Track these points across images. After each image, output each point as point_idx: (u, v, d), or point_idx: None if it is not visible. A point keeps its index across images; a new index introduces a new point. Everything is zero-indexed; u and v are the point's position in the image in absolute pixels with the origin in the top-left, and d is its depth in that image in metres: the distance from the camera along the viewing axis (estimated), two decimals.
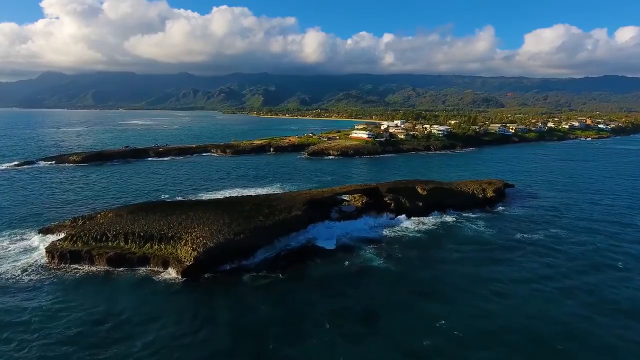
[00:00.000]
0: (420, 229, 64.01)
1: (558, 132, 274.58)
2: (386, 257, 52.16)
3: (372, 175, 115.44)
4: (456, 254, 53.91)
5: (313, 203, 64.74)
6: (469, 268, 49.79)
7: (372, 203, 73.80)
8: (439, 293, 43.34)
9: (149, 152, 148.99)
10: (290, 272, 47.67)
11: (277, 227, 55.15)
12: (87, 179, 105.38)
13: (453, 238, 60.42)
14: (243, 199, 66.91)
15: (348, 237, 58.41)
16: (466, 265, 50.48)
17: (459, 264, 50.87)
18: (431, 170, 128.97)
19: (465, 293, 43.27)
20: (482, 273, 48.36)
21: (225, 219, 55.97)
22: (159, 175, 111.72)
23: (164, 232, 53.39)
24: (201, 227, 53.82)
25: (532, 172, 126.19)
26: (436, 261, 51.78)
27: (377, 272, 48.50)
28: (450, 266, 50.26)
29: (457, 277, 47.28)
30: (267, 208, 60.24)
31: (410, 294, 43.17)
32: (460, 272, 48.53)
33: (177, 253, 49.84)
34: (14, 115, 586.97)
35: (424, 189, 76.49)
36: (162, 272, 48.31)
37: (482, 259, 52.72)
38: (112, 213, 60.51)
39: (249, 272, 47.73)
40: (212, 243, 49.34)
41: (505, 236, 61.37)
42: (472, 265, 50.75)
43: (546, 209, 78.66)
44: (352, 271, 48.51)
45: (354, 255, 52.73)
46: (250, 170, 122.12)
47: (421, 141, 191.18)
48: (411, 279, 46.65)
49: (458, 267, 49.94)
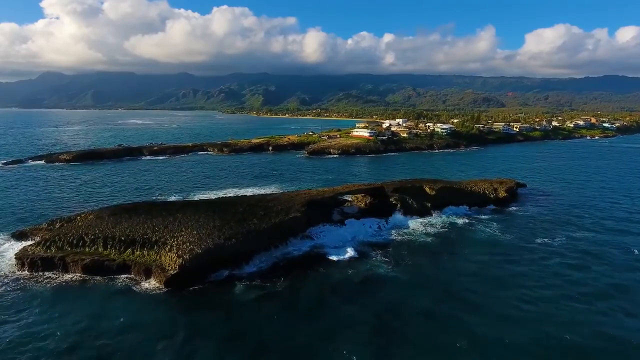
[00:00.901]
0: (429, 232, 58.73)
1: (563, 130, 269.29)
2: (395, 263, 46.88)
3: (375, 175, 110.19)
4: (471, 261, 48.60)
5: (313, 204, 59.48)
6: (486, 276, 44.52)
7: (377, 204, 68.51)
8: (457, 304, 38.06)
9: (143, 151, 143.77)
10: (287, 281, 42.33)
11: (273, 230, 49.88)
12: (75, 178, 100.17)
13: (466, 242, 55.13)
14: (237, 200, 61.62)
15: (352, 242, 53.01)
16: (483, 273, 45.19)
17: (476, 272, 45.55)
18: (436, 169, 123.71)
19: (486, 305, 37.98)
20: (502, 282, 43.06)
21: (216, 221, 50.72)
22: (151, 175, 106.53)
23: (148, 237, 48.15)
24: (189, 230, 48.58)
25: (541, 170, 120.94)
26: (450, 268, 46.48)
27: (386, 280, 43.20)
28: (466, 274, 44.93)
29: (475, 286, 42.00)
30: (263, 209, 54.97)
31: (424, 305, 37.88)
32: (479, 281, 43.24)
33: (160, 260, 44.58)
34: (13, 115, 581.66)
35: (432, 189, 71.23)
36: (143, 282, 43.06)
37: (500, 265, 47.40)
38: (93, 215, 55.22)
39: (241, 281, 42.45)
40: (200, 249, 44.07)
41: (523, 239, 56.06)
42: (490, 272, 45.46)
43: (563, 209, 73.41)
44: (358, 280, 43.20)
45: (359, 262, 47.45)
46: (248, 170, 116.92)
47: (424, 140, 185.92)
48: (424, 289, 41.33)
49: (475, 275, 44.62)
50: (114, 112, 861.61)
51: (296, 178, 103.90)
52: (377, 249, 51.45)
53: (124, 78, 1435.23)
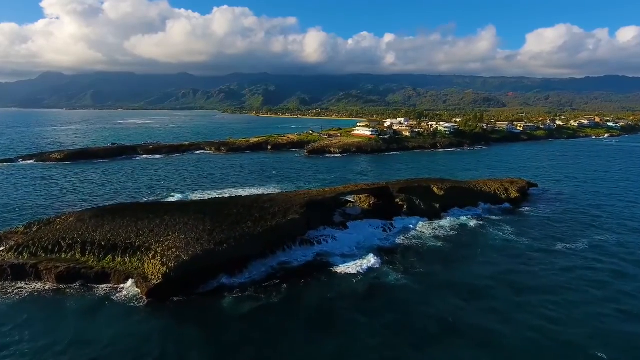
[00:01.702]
0: (438, 235, 54.20)
1: (567, 130, 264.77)
2: (404, 271, 42.35)
3: (378, 174, 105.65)
4: (488, 268, 44.05)
5: (313, 205, 55.03)
6: (507, 285, 39.98)
7: (381, 204, 64.09)
8: (477, 317, 33.60)
9: (138, 150, 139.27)
10: (284, 292, 37.73)
11: (269, 234, 45.38)
12: (64, 178, 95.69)
13: (480, 247, 50.62)
14: (231, 201, 57.14)
15: (356, 247, 48.47)
16: (504, 282, 40.65)
17: (495, 281, 41.01)
18: (441, 168, 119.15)
19: (511, 320, 33.51)
20: (526, 293, 38.54)
21: (206, 224, 46.28)
22: (144, 175, 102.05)
23: (131, 241, 43.72)
24: (176, 234, 44.13)
25: (551, 170, 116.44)
26: (465, 276, 41.92)
27: (395, 291, 38.66)
28: (484, 283, 40.38)
29: (496, 297, 37.53)
30: (258, 211, 50.51)
31: (441, 320, 33.38)
32: (499, 291, 38.71)
33: (143, 268, 40.13)
34: (12, 115, 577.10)
35: (440, 189, 66.73)
36: (123, 292, 38.59)
37: (521, 274, 42.87)
38: (74, 217, 50.70)
39: (232, 292, 37.91)
40: (187, 256, 39.58)
41: (542, 244, 51.55)
42: (510, 282, 40.92)
43: (579, 210, 68.93)
44: (364, 290, 38.65)
45: (364, 269, 42.81)
46: (245, 169, 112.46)
47: (427, 139, 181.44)
48: (440, 300, 36.79)
49: (494, 285, 40.07)
50: (113, 112, 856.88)
51: (295, 178, 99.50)
52: (384, 254, 46.91)
53: (123, 78, 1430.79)
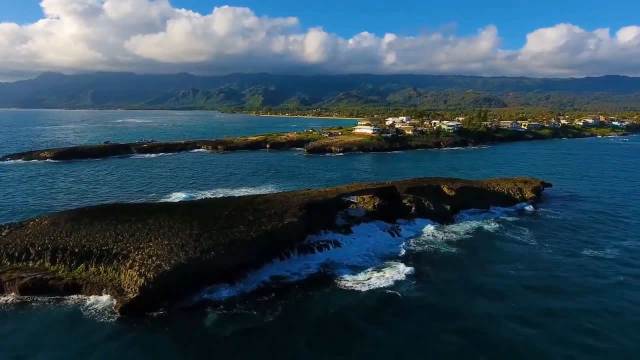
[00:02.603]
0: (451, 240, 49.17)
1: (573, 129, 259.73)
2: (417, 282, 37.27)
3: (381, 173, 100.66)
4: (510, 279, 38.99)
5: (313, 206, 49.95)
6: (533, 296, 35.02)
7: (387, 206, 59.06)
8: (508, 335, 28.70)
9: (132, 149, 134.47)
10: (279, 309, 32.64)
11: (263, 240, 40.34)
12: (51, 178, 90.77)
13: (498, 254, 45.61)
14: (222, 202, 52.16)
15: (360, 253, 43.42)
16: (529, 294, 35.68)
17: (520, 292, 36.03)
18: (446, 167, 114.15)
19: (545, 336, 28.55)
20: (558, 304, 33.58)
21: (194, 228, 41.31)
22: (135, 174, 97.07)
23: (108, 248, 38.78)
24: (159, 240, 39.16)
25: (562, 169, 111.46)
26: (486, 288, 36.88)
27: (408, 305, 33.60)
28: (507, 296, 35.34)
29: (524, 310, 32.56)
30: (252, 213, 45.52)
31: (460, 337, 28.41)
32: (526, 304, 33.73)
33: (119, 279, 35.22)
34: (11, 115, 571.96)
35: (451, 189, 61.71)
36: (95, 306, 33.65)
37: (547, 285, 37.85)
38: (49, 220, 45.69)
39: (218, 308, 32.83)
40: (169, 265, 34.60)
41: (566, 251, 46.51)
42: (536, 292, 35.94)
43: (599, 211, 63.93)
44: (372, 305, 33.58)
45: (371, 280, 37.68)
46: (242, 168, 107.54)
47: (430, 137, 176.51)
48: (459, 317, 31.79)
49: (520, 297, 35.08)
50: (113, 111, 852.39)
51: (294, 177, 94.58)
52: (392, 261, 41.86)
53: (123, 78, 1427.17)
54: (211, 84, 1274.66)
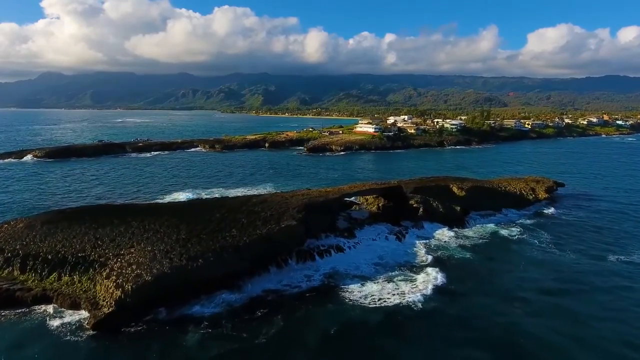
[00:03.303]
0: (465, 245, 45.16)
1: (577, 128, 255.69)
2: (433, 293, 33.16)
3: (384, 173, 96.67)
4: (532, 288, 34.94)
5: (313, 207, 45.97)
6: (561, 308, 31.09)
7: (392, 207, 55.10)
8: (538, 352, 24.70)
9: (126, 148, 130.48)
10: (273, 327, 28.56)
11: (257, 246, 36.35)
12: (39, 177, 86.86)
13: (517, 261, 41.54)
14: (215, 203, 48.21)
15: (366, 260, 39.37)
16: (556, 305, 31.75)
17: (544, 303, 32.06)
18: (451, 167, 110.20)
19: (576, 350, 24.65)
20: (588, 318, 29.62)
21: (181, 232, 37.39)
22: (128, 174, 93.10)
23: (85, 254, 34.82)
24: (142, 245, 35.23)
25: (572, 168, 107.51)
26: (507, 300, 32.80)
27: (425, 321, 29.57)
28: (531, 309, 31.32)
29: (552, 320, 28.62)
30: (247, 216, 41.55)
31: (489, 353, 24.47)
32: (553, 315, 29.79)
33: (94, 290, 31.28)
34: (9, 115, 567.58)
35: (461, 189, 57.74)
36: (66, 320, 29.74)
37: (575, 294, 33.91)
38: (24, 222, 41.74)
39: (201, 325, 28.72)
40: (150, 275, 30.64)
41: (591, 256, 42.51)
42: (563, 304, 32.01)
43: (619, 213, 60.03)
44: (382, 320, 29.55)
45: (380, 291, 33.65)
46: (239, 168, 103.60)
47: (433, 136, 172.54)
48: (485, 331, 27.81)
49: (544, 309, 31.12)
50: (112, 111, 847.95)
51: (293, 177, 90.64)
52: (404, 270, 37.78)
53: (123, 78, 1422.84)
54: (211, 84, 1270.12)
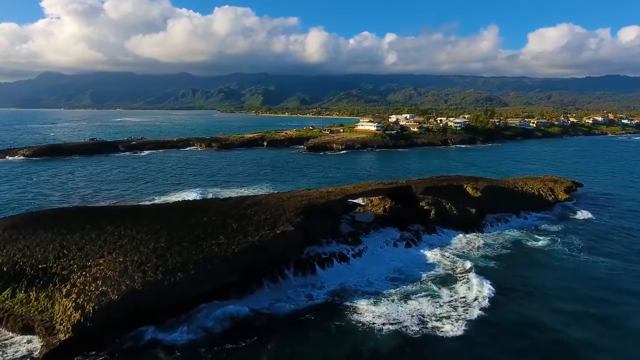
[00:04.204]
0: (486, 254, 39.84)
1: (582, 127, 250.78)
2: (459, 313, 27.73)
3: (388, 172, 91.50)
4: (576, 310, 29.65)
5: (313, 210, 40.85)
6: (611, 331, 25.95)
7: (400, 209, 50.03)
8: None
9: (119, 146, 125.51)
10: (261, 357, 23.53)
11: (248, 256, 31.22)
12: (24, 177, 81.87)
13: (548, 270, 36.37)
14: (203, 205, 43.10)
15: (374, 273, 34.17)
16: (603, 320, 26.63)
17: (591, 327, 26.91)
18: (459, 166, 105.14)
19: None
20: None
21: (161, 239, 32.32)
22: (117, 173, 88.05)
23: (46, 266, 29.75)
24: (113, 255, 30.14)
25: (583, 167, 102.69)
26: (546, 322, 27.55)
27: (456, 348, 24.42)
28: (578, 334, 26.20)
29: (609, 341, 23.56)
30: (237, 220, 36.45)
31: None
32: (604, 344, 24.67)
33: (51, 310, 26.16)
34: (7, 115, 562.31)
35: (476, 189, 52.63)
36: (16, 349, 24.66)
37: (619, 305, 28.87)
38: None
39: (173, 355, 23.70)
40: (117, 293, 25.50)
41: (627, 261, 37.51)
42: (612, 325, 26.86)
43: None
44: (399, 348, 24.50)
45: (391, 312, 28.51)
46: (235, 167, 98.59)
47: (437, 135, 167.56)
48: None
49: (592, 334, 25.98)
50: (112, 111, 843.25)
51: (292, 177, 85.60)
52: (419, 284, 32.54)
53: (123, 78, 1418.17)
54: (211, 84, 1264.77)
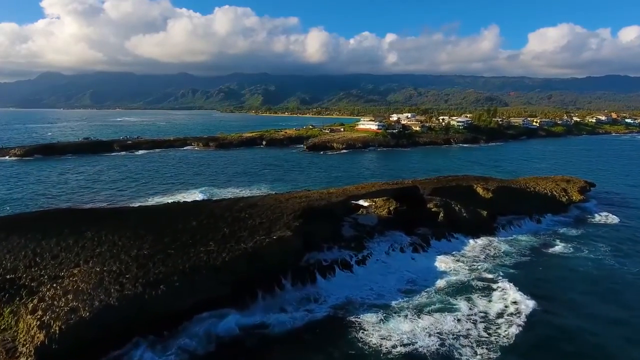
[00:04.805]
0: (504, 262, 36.25)
1: (586, 126, 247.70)
2: (482, 330, 24.78)
3: (391, 172, 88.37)
4: (604, 319, 26.58)
5: (313, 213, 37.66)
6: None
7: (406, 211, 46.84)
8: None
9: (114, 146, 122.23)
10: None
11: (240, 265, 28.01)
12: (12, 178, 78.71)
13: (575, 279, 33.06)
14: (194, 207, 39.84)
15: (383, 285, 30.93)
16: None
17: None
18: (464, 165, 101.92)
19: None
20: None
21: (144, 246, 29.15)
22: (110, 174, 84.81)
23: (14, 277, 26.56)
24: (90, 265, 26.97)
25: (592, 167, 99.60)
26: (586, 344, 24.41)
27: None
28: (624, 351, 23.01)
29: None
30: (230, 224, 33.26)
31: None
32: None
33: (15, 329, 22.95)
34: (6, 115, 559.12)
35: (486, 190, 49.41)
36: None
37: None
38: None
39: None
40: (89, 310, 22.27)
41: None
42: None
43: None
44: None
45: (405, 330, 25.35)
46: (232, 167, 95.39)
47: (440, 134, 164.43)
48: None
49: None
50: (111, 111, 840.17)
51: (291, 176, 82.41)
52: (433, 296, 29.25)
53: (122, 78, 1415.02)
54: (211, 84, 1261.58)
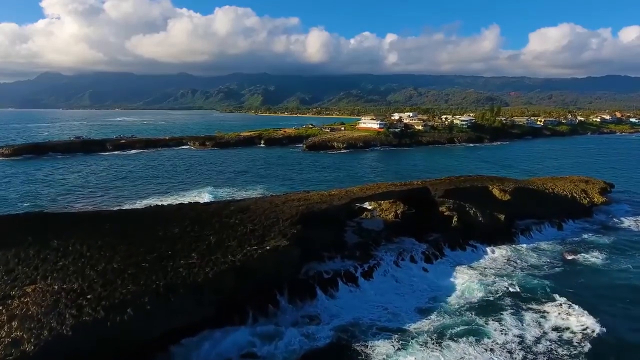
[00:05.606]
0: (534, 274, 32.10)
1: (591, 125, 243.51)
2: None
3: (395, 172, 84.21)
4: None
5: (312, 217, 33.34)
6: None
7: (415, 215, 42.54)
8: None
9: (106, 145, 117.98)
10: None
11: (227, 281, 23.68)
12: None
13: (614, 297, 28.79)
14: (177, 211, 35.46)
15: (393, 303, 26.64)
16: None
17: None
18: (471, 165, 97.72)
19: None
20: None
21: (115, 258, 24.84)
22: (98, 173, 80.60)
23: None
24: (47, 281, 22.66)
25: (604, 166, 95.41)
26: None
27: None
28: None
29: None
30: (217, 231, 28.93)
31: None
32: None
33: None
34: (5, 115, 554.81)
35: (503, 191, 45.08)
36: None
37: None
38: None
39: None
40: (35, 342, 17.94)
41: None
42: None
43: None
44: None
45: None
46: (228, 167, 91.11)
47: (443, 133, 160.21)
48: None
49: None
50: (110, 111, 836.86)
51: (290, 177, 78.18)
52: (456, 316, 24.94)
53: (122, 78, 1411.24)
54: (211, 84, 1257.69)
